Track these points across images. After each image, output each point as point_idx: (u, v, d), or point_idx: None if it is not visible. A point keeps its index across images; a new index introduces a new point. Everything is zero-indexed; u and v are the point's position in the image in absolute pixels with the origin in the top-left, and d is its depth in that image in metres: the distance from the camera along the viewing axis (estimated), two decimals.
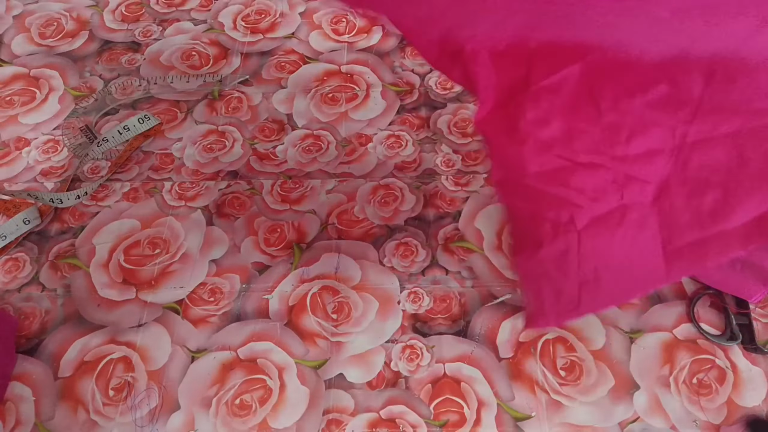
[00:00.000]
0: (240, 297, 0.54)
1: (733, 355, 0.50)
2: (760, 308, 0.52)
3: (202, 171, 0.62)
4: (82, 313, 0.53)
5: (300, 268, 0.56)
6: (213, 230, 0.58)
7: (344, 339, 0.52)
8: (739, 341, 0.50)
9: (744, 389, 0.48)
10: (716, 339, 0.50)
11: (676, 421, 0.47)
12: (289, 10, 0.78)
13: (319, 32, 0.75)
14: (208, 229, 0.58)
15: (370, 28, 0.75)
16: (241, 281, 0.55)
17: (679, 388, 0.48)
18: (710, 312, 0.52)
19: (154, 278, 0.55)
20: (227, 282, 0.55)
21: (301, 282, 0.55)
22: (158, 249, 0.57)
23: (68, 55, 0.73)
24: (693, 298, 0.52)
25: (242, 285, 0.55)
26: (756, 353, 0.50)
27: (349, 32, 0.75)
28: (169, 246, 0.57)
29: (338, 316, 0.53)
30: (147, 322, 0.53)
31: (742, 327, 0.51)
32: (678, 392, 0.48)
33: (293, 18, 0.77)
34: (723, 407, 0.47)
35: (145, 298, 0.54)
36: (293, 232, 0.58)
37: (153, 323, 0.53)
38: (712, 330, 0.51)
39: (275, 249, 0.57)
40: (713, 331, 0.51)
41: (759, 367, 0.49)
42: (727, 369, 0.49)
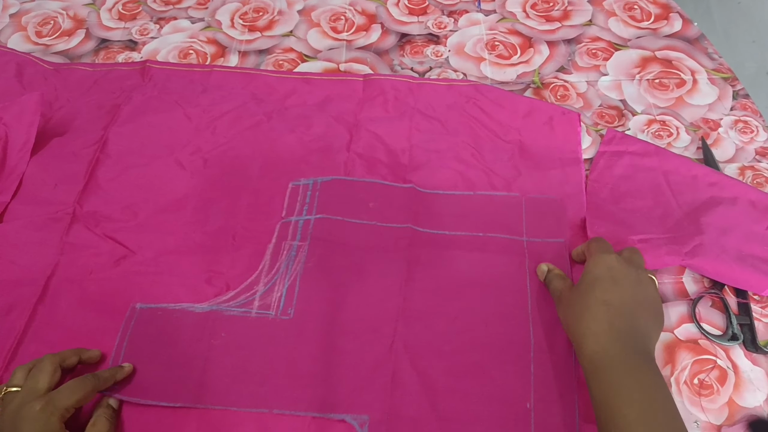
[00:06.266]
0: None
1: (734, 356, 0.49)
2: (761, 308, 0.52)
3: None
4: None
5: None
6: None
7: None
8: (741, 341, 0.50)
9: (745, 390, 0.48)
10: (718, 339, 0.50)
11: None
12: (287, 7, 0.77)
13: (318, 30, 0.75)
14: None
15: (368, 26, 0.75)
16: None
17: (680, 388, 0.48)
18: (712, 312, 0.52)
19: None
20: None
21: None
22: None
23: (65, 54, 0.73)
24: (694, 299, 0.52)
25: None
26: (757, 353, 0.49)
27: (348, 30, 0.75)
28: None
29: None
30: None
31: (743, 327, 0.50)
32: (679, 392, 0.48)
33: (291, 16, 0.77)
34: (724, 408, 0.47)
35: None
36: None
37: None
38: (714, 330, 0.51)
39: None
40: (715, 332, 0.51)
41: (760, 367, 0.49)
42: (729, 369, 0.49)
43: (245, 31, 0.75)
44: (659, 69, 0.69)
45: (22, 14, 0.77)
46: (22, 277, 0.53)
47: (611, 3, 0.77)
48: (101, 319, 0.51)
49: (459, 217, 0.56)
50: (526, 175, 0.60)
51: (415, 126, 0.63)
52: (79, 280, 0.53)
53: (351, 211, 0.56)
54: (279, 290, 0.52)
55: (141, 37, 0.74)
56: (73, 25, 0.76)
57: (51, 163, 0.60)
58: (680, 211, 0.56)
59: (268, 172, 0.60)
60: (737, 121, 0.64)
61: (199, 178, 0.59)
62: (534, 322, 0.50)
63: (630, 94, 0.67)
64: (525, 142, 0.62)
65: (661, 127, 0.64)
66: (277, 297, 0.51)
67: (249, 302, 0.51)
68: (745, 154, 0.62)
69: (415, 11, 0.77)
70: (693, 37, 0.73)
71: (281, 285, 0.52)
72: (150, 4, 0.78)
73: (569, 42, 0.73)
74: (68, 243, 0.55)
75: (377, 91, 0.67)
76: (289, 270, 0.53)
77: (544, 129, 0.63)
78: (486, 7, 0.77)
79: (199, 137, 0.62)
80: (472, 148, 0.62)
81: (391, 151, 0.61)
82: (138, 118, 0.64)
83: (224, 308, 0.51)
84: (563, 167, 0.60)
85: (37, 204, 0.58)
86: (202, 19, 0.76)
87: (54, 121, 0.64)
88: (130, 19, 0.77)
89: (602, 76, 0.69)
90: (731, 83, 0.68)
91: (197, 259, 0.54)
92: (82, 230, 0.56)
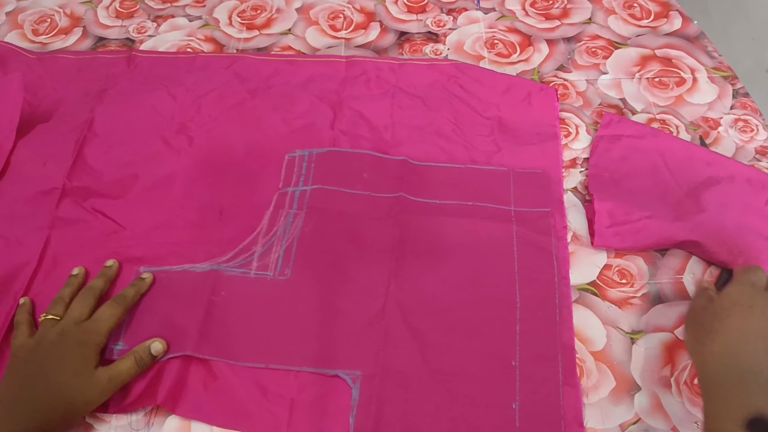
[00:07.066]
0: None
1: None
2: None
3: None
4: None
5: None
6: None
7: None
8: None
9: None
10: None
11: (677, 422, 0.47)
12: (285, 5, 0.77)
13: (316, 28, 0.74)
14: None
15: (367, 24, 0.74)
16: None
17: (680, 389, 0.48)
18: None
19: None
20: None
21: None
22: None
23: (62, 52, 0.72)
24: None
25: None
26: None
27: (347, 28, 0.74)
28: None
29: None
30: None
31: None
32: (679, 393, 0.48)
33: (289, 14, 0.76)
34: None
35: None
36: None
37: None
38: None
39: None
40: None
41: None
42: None
43: (243, 29, 0.74)
44: (659, 67, 0.69)
45: (19, 12, 0.77)
46: (16, 252, 0.54)
47: (611, 1, 0.76)
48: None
49: (449, 187, 0.58)
50: (506, 150, 0.62)
51: (397, 103, 0.65)
52: (73, 252, 0.54)
53: (346, 181, 0.58)
54: (276, 252, 0.54)
55: (138, 35, 0.74)
56: (69, 23, 0.75)
57: (38, 144, 0.61)
58: (680, 190, 0.57)
59: (253, 149, 0.61)
60: (737, 119, 0.64)
61: (186, 156, 0.61)
62: (520, 284, 0.52)
63: (630, 93, 0.67)
64: (504, 118, 0.64)
65: (661, 126, 0.64)
66: (275, 258, 0.54)
67: (247, 263, 0.53)
68: (745, 153, 0.62)
69: (414, 9, 0.76)
70: (693, 36, 0.73)
71: (278, 247, 0.54)
72: (147, 2, 0.78)
73: (569, 40, 0.72)
74: (59, 217, 0.56)
75: (359, 70, 0.68)
76: (287, 234, 0.55)
77: (522, 105, 0.65)
78: (485, 5, 0.77)
79: (184, 115, 0.64)
80: (452, 124, 0.64)
81: (374, 127, 0.63)
82: (123, 99, 0.65)
83: (224, 268, 0.53)
84: (541, 142, 0.62)
85: (26, 181, 0.59)
86: (200, 17, 0.76)
87: (41, 109, 0.65)
88: (127, 17, 0.76)
89: (602, 75, 0.69)
90: (731, 82, 0.68)
91: (186, 232, 0.56)
92: (72, 205, 0.57)
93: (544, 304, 0.51)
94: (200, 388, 0.48)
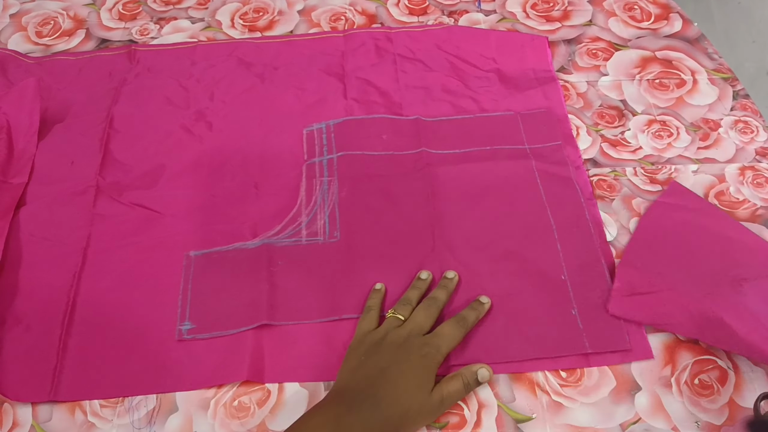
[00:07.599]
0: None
1: (734, 356, 0.49)
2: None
3: None
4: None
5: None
6: None
7: None
8: None
9: (746, 390, 0.48)
10: None
11: (677, 422, 0.47)
12: (287, 8, 0.77)
13: (318, 30, 0.75)
14: None
15: (369, 26, 0.75)
16: None
17: (680, 388, 0.48)
18: None
19: None
20: None
21: None
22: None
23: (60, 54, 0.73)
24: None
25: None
26: None
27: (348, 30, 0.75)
28: None
29: None
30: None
31: None
32: (680, 393, 0.48)
33: (291, 16, 0.77)
34: (725, 408, 0.47)
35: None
36: None
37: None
38: None
39: None
40: None
41: (760, 367, 0.49)
42: (729, 370, 0.49)
43: (245, 32, 0.75)
44: (659, 69, 0.70)
45: (23, 14, 0.77)
46: (58, 253, 0.55)
47: (611, 3, 0.77)
48: (151, 276, 0.54)
49: (465, 137, 0.63)
50: (510, 97, 0.66)
51: (399, 68, 0.69)
52: (113, 247, 0.56)
53: (367, 145, 0.62)
54: (321, 218, 0.57)
55: (141, 37, 0.74)
56: (73, 25, 0.76)
57: (60, 144, 0.63)
58: (725, 277, 0.51)
59: (272, 129, 0.64)
60: (737, 121, 0.65)
61: (208, 140, 0.63)
62: (551, 210, 0.57)
63: (630, 94, 0.67)
64: (502, 70, 0.69)
65: (661, 127, 0.64)
66: (321, 224, 0.57)
67: (297, 233, 0.56)
68: (746, 155, 0.62)
69: (415, 11, 0.77)
70: (693, 38, 0.73)
71: (322, 214, 0.57)
72: (150, 4, 0.78)
73: (569, 42, 0.73)
74: (97, 215, 0.57)
75: (357, 42, 0.72)
76: (326, 201, 0.58)
77: (517, 55, 0.70)
78: (486, 7, 0.77)
79: (199, 104, 0.66)
80: (456, 81, 0.68)
81: (383, 92, 0.67)
82: (137, 96, 0.67)
83: (275, 241, 0.55)
84: (541, 86, 0.67)
85: (57, 182, 0.60)
86: (203, 19, 0.76)
87: (51, 111, 0.65)
88: (130, 19, 0.77)
89: (602, 76, 0.69)
90: (731, 83, 0.68)
91: (227, 212, 0.58)
92: (108, 201, 0.58)
93: (577, 221, 0.56)
94: (279, 354, 0.50)
